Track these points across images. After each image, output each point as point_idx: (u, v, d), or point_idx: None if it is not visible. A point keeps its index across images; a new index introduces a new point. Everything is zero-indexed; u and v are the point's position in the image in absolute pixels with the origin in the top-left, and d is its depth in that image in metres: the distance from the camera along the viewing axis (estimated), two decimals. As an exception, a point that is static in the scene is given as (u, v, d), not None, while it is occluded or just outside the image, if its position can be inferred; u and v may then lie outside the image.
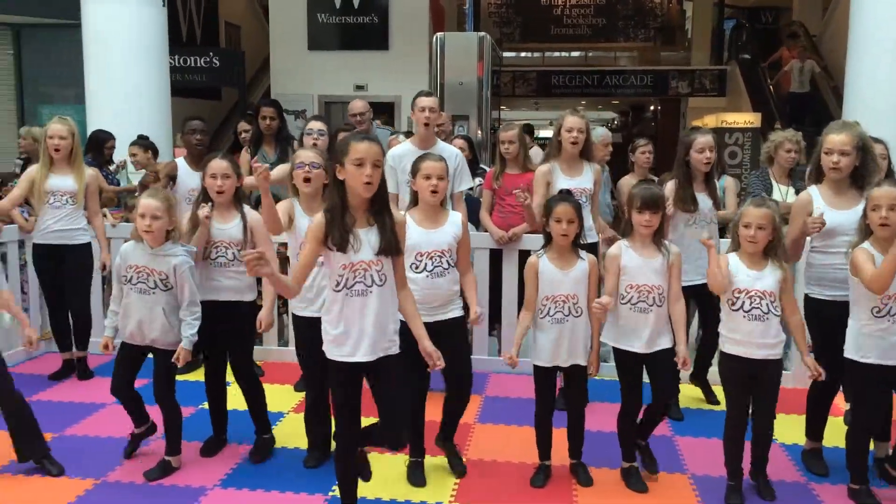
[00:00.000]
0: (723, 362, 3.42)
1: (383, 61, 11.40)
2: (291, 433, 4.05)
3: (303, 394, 4.70)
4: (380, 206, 2.76)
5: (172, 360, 3.54)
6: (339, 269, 2.74)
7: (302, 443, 3.91)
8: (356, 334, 2.78)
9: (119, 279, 3.58)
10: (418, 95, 4.53)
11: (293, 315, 3.69)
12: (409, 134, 6.04)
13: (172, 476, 3.58)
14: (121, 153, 6.41)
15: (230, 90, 12.83)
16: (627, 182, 5.54)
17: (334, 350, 2.82)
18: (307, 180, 3.49)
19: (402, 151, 4.50)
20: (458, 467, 3.63)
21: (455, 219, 3.43)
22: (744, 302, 3.27)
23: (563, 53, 20.63)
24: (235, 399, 3.99)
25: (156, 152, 6.27)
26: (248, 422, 3.92)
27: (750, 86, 14.72)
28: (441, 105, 8.61)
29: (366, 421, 2.97)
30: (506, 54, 15.83)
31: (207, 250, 3.63)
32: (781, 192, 4.89)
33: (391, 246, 2.75)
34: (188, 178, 4.90)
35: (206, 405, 4.47)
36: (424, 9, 11.50)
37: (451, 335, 3.42)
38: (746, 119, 12.98)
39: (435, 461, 3.72)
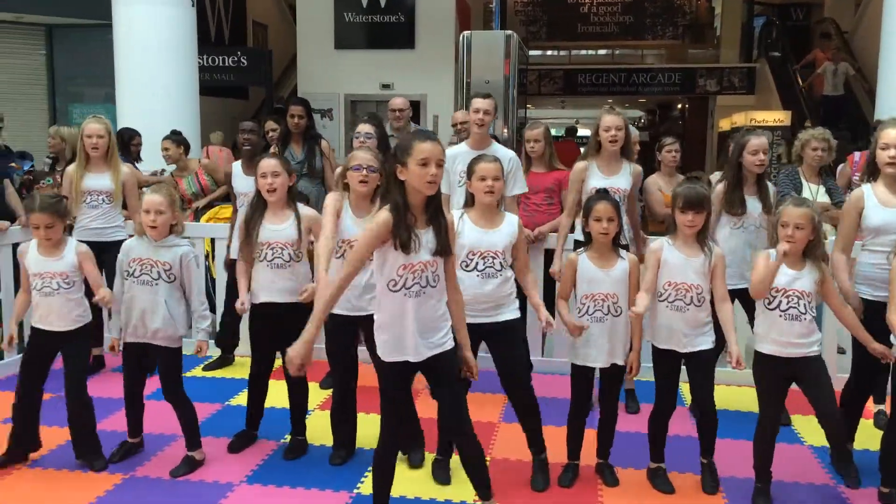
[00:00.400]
0: (757, 362, 3.36)
1: (409, 60, 11.42)
2: (317, 430, 4.06)
3: (328, 391, 4.73)
4: (434, 207, 2.77)
5: (194, 352, 3.63)
6: (399, 270, 2.74)
7: (327, 440, 3.93)
8: (410, 334, 2.78)
9: (121, 274, 3.63)
10: (474, 96, 4.50)
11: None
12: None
13: (199, 471, 3.62)
14: (148, 152, 6.46)
15: (257, 89, 12.93)
16: (654, 181, 5.49)
17: (387, 351, 2.83)
18: (363, 182, 3.48)
19: (456, 152, 4.47)
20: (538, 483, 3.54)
21: (511, 221, 3.38)
22: (780, 301, 3.24)
23: (590, 52, 20.54)
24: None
25: (188, 148, 6.33)
26: (276, 419, 3.94)
27: (780, 83, 14.55)
28: (465, 105, 8.64)
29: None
30: (532, 52, 15.77)
31: (262, 251, 3.65)
32: (811, 191, 4.82)
33: (446, 247, 2.77)
34: (240, 181, 4.93)
35: (232, 402, 4.53)
36: (451, 8, 11.51)
37: (504, 340, 3.40)
38: (776, 117, 12.85)
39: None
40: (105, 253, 4.89)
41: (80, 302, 3.60)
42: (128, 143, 6.31)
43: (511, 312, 3.42)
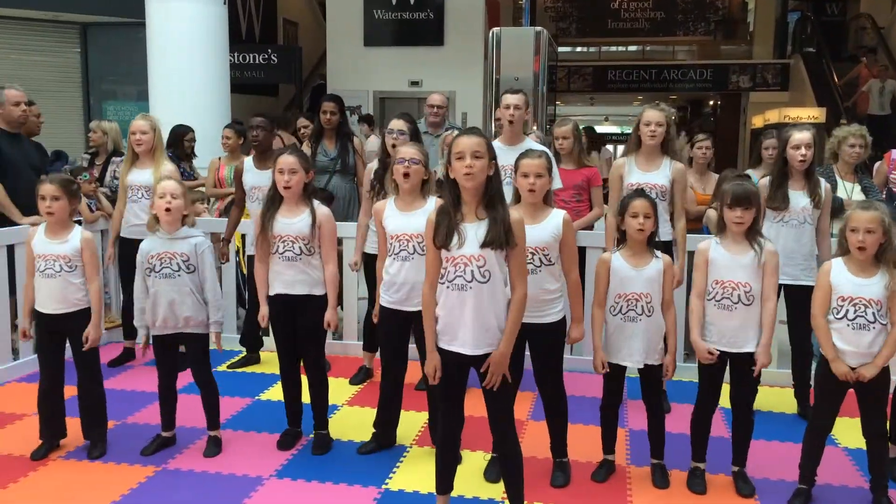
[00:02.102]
0: (821, 367, 3.28)
1: (438, 57, 11.43)
2: (346, 426, 4.09)
3: (357, 387, 4.76)
4: (493, 201, 2.76)
5: (212, 345, 3.74)
6: (444, 262, 2.80)
7: (356, 435, 3.96)
8: (458, 327, 2.79)
9: (142, 272, 3.70)
10: (504, 92, 4.45)
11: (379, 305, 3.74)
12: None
13: (229, 465, 3.65)
14: (200, 149, 6.46)
15: (287, 86, 13.00)
16: (685, 178, 5.43)
17: (440, 338, 2.86)
18: (406, 175, 3.52)
19: None
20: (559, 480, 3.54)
21: (557, 218, 3.30)
22: (847, 310, 3.15)
23: (620, 48, 20.40)
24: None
25: (246, 140, 6.29)
26: (307, 414, 3.95)
27: (814, 80, 14.33)
28: (496, 101, 8.62)
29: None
30: (561, 49, 15.71)
31: (275, 244, 3.69)
32: (847, 189, 4.74)
33: (497, 238, 2.72)
34: (251, 176, 4.94)
35: (262, 396, 4.57)
36: (480, 4, 11.49)
37: (546, 343, 3.36)
38: (810, 114, 12.65)
39: (487, 456, 3.72)
40: None
41: (80, 287, 3.65)
42: (181, 140, 6.25)
43: (556, 314, 3.35)
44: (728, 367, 3.41)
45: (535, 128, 8.76)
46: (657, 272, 3.37)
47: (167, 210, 3.61)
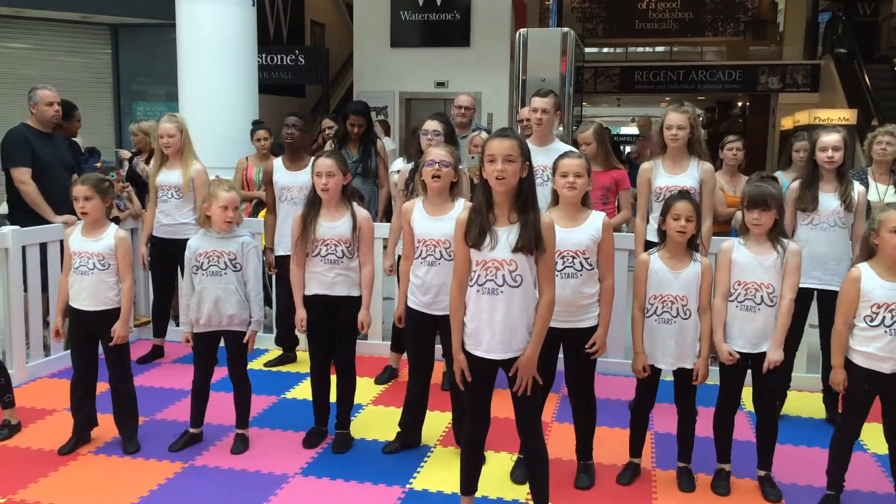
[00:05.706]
0: (853, 374, 3.21)
1: (465, 58, 11.43)
2: (371, 425, 4.11)
3: (382, 386, 4.78)
4: (525, 204, 2.73)
5: (244, 341, 3.76)
6: (474, 266, 2.78)
7: (381, 434, 3.97)
8: (486, 331, 2.78)
9: (190, 270, 3.74)
10: (533, 95, 4.44)
11: (406, 307, 3.75)
12: (489, 131, 6.04)
13: (255, 462, 3.68)
14: (215, 148, 6.51)
15: (314, 87, 13.07)
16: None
17: (467, 342, 2.85)
18: (436, 177, 3.51)
19: None
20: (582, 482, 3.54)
21: (596, 220, 3.26)
22: (884, 317, 3.10)
23: (647, 49, 20.29)
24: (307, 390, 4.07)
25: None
26: (334, 413, 3.98)
27: (845, 81, 14.15)
28: (522, 101, 8.62)
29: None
30: (588, 50, 15.64)
31: (317, 248, 3.72)
32: (879, 192, 4.67)
33: (529, 243, 2.69)
34: (283, 176, 4.94)
35: (288, 395, 4.60)
36: (507, 5, 11.48)
37: (582, 347, 3.32)
38: (841, 115, 12.49)
39: (513, 457, 3.72)
40: (178, 252, 4.96)
41: (112, 285, 3.70)
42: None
43: (593, 318, 3.32)
44: (750, 370, 3.39)
45: (560, 128, 8.73)
46: (695, 275, 3.34)
47: (228, 223, 3.68)
